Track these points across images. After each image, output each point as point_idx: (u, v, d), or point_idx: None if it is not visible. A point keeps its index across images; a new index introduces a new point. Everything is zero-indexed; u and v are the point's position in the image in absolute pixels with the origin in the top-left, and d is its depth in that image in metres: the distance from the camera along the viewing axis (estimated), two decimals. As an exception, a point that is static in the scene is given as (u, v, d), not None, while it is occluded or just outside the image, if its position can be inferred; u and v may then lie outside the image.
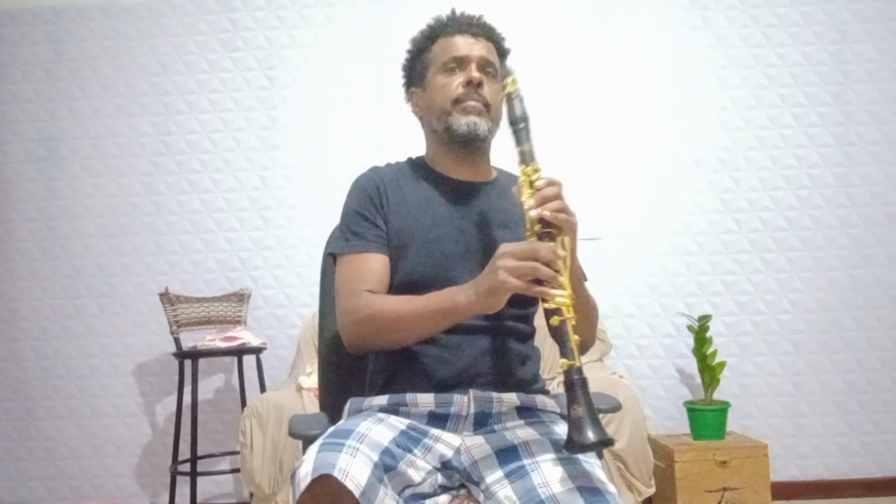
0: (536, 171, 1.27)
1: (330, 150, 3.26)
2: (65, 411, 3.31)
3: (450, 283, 1.31)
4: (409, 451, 1.20)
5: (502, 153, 1.44)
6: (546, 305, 1.15)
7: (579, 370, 1.13)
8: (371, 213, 1.41)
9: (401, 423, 1.27)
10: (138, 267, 3.32)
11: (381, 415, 1.29)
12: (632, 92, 3.22)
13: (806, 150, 3.22)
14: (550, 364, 2.66)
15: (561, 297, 1.15)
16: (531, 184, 1.25)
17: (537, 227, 1.20)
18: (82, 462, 3.31)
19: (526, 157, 1.30)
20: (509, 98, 1.36)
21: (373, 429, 1.18)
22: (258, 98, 3.33)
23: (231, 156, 3.33)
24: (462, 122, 1.39)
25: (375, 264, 1.38)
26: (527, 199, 1.23)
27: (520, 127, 1.34)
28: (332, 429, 1.20)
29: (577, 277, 1.31)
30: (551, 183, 1.24)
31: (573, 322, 1.15)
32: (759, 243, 3.21)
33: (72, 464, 3.31)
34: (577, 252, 1.28)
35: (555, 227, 1.20)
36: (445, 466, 1.25)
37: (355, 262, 1.39)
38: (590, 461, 1.21)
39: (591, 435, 1.09)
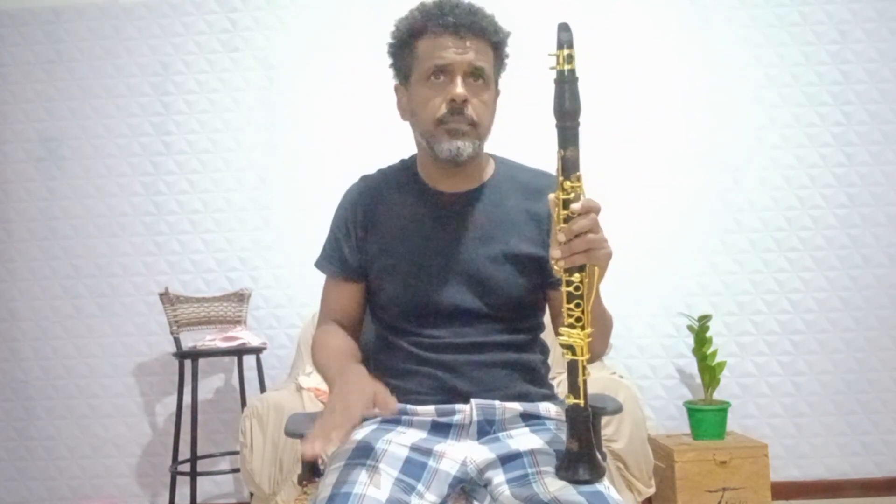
0: (575, 187, 1.09)
1: (330, 150, 3.26)
2: (65, 411, 3.32)
3: (431, 305, 1.33)
4: (413, 489, 1.19)
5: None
6: (561, 339, 1.13)
7: (584, 408, 1.12)
8: (343, 238, 1.41)
9: (402, 446, 1.25)
10: (138, 267, 3.32)
11: (383, 427, 1.30)
12: (630, 92, 3.22)
13: (806, 150, 3.22)
14: (558, 357, 2.64)
15: (577, 337, 1.11)
16: (566, 203, 1.09)
17: (562, 264, 1.10)
18: (82, 462, 3.31)
19: (568, 167, 1.09)
20: (560, 80, 1.10)
21: (371, 482, 1.15)
22: (258, 98, 3.33)
23: (231, 156, 3.33)
24: (445, 148, 1.29)
25: (342, 295, 1.43)
26: (557, 221, 1.09)
27: (566, 124, 1.10)
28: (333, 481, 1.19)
29: (599, 300, 1.22)
30: (587, 210, 1.08)
31: (585, 362, 1.12)
32: (759, 243, 3.21)
33: (72, 464, 3.32)
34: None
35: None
36: (451, 487, 1.24)
37: (328, 286, 1.46)
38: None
39: (581, 472, 1.13)
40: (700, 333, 2.98)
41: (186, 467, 2.95)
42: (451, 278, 1.34)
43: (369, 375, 1.22)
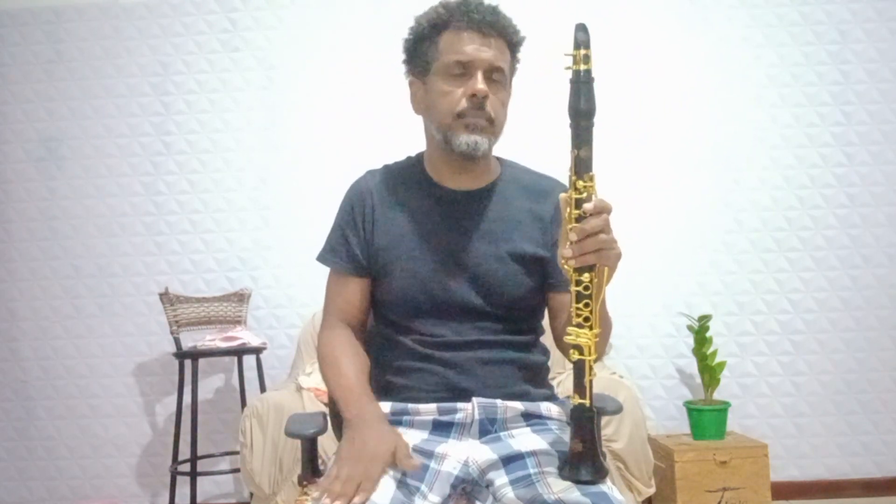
0: (587, 187, 1.09)
1: (330, 150, 3.26)
2: (65, 411, 3.31)
3: (434, 301, 1.33)
4: (416, 490, 1.19)
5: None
6: (568, 339, 1.13)
7: (589, 409, 1.12)
8: (350, 231, 1.40)
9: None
10: (138, 267, 3.32)
11: None
12: (630, 92, 3.22)
13: (806, 150, 3.22)
14: (556, 359, 2.64)
15: (585, 336, 1.11)
16: (578, 203, 1.09)
17: (572, 264, 1.10)
18: (82, 462, 3.31)
19: (581, 167, 1.09)
20: (575, 80, 1.11)
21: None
22: (258, 98, 3.33)
23: (231, 156, 3.33)
24: (462, 141, 1.30)
25: (348, 289, 1.41)
26: (569, 220, 1.10)
27: (581, 124, 1.10)
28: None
29: (603, 302, 1.21)
30: (599, 210, 1.08)
31: (592, 362, 1.12)
32: (759, 243, 3.21)
33: (72, 464, 3.32)
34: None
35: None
36: (453, 487, 1.24)
37: (333, 281, 1.44)
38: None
39: (584, 473, 1.13)
40: (700, 333, 2.97)
41: (186, 467, 2.95)
42: (455, 275, 1.34)
43: (386, 422, 1.24)
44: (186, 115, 3.33)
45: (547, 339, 1.43)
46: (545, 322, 1.44)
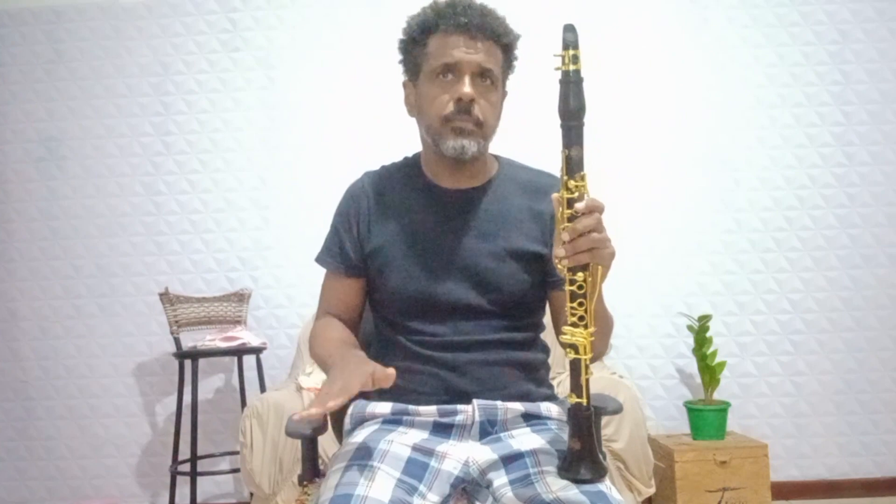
0: (579, 186, 1.09)
1: (330, 150, 3.26)
2: (65, 411, 3.31)
3: (432, 299, 1.33)
4: (415, 489, 1.19)
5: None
6: (563, 338, 1.13)
7: (587, 407, 1.13)
8: (345, 232, 1.41)
9: (404, 446, 1.26)
10: (138, 267, 3.32)
11: (385, 428, 1.30)
12: (630, 92, 3.22)
13: (806, 150, 3.22)
14: (559, 357, 2.64)
15: (580, 336, 1.11)
16: (570, 202, 1.09)
17: (566, 263, 1.10)
18: (82, 462, 3.31)
19: (572, 166, 1.10)
20: (565, 80, 1.11)
21: (374, 483, 1.16)
22: (258, 98, 3.33)
23: (231, 156, 3.33)
24: (450, 146, 1.30)
25: (340, 288, 1.43)
26: (561, 220, 1.10)
27: (571, 124, 1.11)
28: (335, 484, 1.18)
29: (601, 299, 1.21)
30: (591, 209, 1.08)
31: (588, 361, 1.12)
32: (759, 243, 3.21)
33: (72, 464, 3.32)
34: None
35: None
36: (454, 486, 1.24)
37: (328, 281, 1.46)
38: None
39: (583, 472, 1.13)
40: (700, 333, 2.98)
41: (186, 467, 2.95)
42: (453, 273, 1.34)
43: (367, 359, 1.24)
44: (186, 115, 3.33)
45: (547, 336, 1.43)
46: (546, 319, 1.44)
